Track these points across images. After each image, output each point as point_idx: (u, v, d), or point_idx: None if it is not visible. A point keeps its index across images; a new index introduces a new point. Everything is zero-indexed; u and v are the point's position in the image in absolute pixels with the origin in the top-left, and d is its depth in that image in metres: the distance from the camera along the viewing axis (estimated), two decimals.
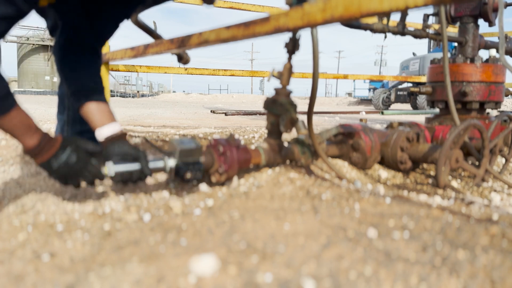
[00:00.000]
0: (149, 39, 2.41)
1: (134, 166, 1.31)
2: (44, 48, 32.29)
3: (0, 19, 1.01)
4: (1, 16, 1.01)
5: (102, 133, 1.39)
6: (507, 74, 2.55)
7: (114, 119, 1.44)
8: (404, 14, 2.27)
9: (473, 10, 2.54)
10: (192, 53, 2.61)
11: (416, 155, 2.10)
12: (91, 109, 1.42)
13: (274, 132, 1.68)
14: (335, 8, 1.10)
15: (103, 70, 3.04)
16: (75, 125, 1.71)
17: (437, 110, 2.71)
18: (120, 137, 1.40)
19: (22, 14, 1.08)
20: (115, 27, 1.60)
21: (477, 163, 2.04)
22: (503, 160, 2.50)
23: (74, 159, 1.20)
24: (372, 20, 2.18)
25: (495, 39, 4.60)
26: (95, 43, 1.55)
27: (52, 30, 1.70)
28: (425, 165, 2.37)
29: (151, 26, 2.43)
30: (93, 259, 0.92)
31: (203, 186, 1.51)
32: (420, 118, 6.33)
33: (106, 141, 1.38)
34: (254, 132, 4.52)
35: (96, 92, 1.46)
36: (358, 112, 8.46)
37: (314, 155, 1.86)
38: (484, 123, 2.38)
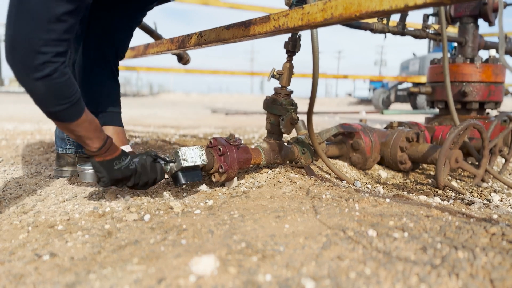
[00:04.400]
0: (149, 39, 2.41)
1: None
2: None
3: (65, 13, 1.00)
4: (66, 11, 1.00)
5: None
6: (507, 74, 2.55)
7: (127, 143, 1.51)
8: (404, 14, 2.27)
9: (473, 10, 2.54)
10: (192, 53, 2.61)
11: (416, 155, 2.10)
12: (111, 134, 1.49)
13: (274, 132, 1.68)
14: (335, 8, 1.10)
15: None
16: None
17: (437, 110, 2.71)
18: None
19: (84, 5, 1.07)
20: (130, 36, 1.63)
21: (476, 163, 2.04)
22: (503, 160, 2.51)
23: (133, 165, 1.28)
24: (372, 20, 2.18)
25: (495, 39, 4.60)
26: (116, 61, 1.60)
27: None
28: (425, 165, 2.37)
29: (151, 26, 2.43)
30: (93, 259, 0.92)
31: (203, 186, 1.52)
32: (420, 118, 6.33)
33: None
34: (254, 132, 4.52)
35: (116, 116, 1.53)
36: (358, 112, 8.46)
37: (314, 155, 1.86)
38: (483, 123, 2.38)
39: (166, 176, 1.40)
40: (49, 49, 1.00)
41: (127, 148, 1.47)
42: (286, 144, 1.80)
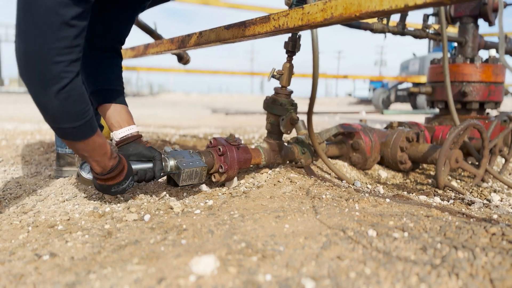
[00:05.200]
0: (149, 39, 2.41)
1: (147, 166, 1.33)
2: None
3: (75, 18, 0.96)
4: (75, 15, 0.96)
5: (118, 135, 1.38)
6: (507, 74, 2.55)
7: (132, 122, 1.42)
8: (404, 14, 2.28)
9: (473, 10, 2.54)
10: (192, 53, 2.61)
11: (416, 155, 2.10)
12: (110, 111, 1.40)
13: (274, 132, 1.68)
14: (335, 8, 1.10)
15: None
16: None
17: (437, 110, 2.71)
18: (135, 139, 1.39)
19: (90, 6, 1.02)
20: (130, 22, 1.57)
21: (476, 163, 2.04)
22: (503, 160, 2.51)
23: (137, 179, 1.31)
24: (372, 20, 2.18)
25: (495, 39, 4.60)
26: (114, 43, 1.51)
27: None
28: (425, 165, 2.37)
29: (151, 26, 2.43)
30: (93, 259, 0.92)
31: (203, 186, 1.52)
32: (420, 118, 6.33)
33: (120, 141, 1.38)
34: (254, 132, 4.52)
35: (116, 93, 1.44)
36: (358, 112, 8.46)
37: (314, 155, 1.86)
38: (483, 123, 2.38)
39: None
40: (63, 58, 0.97)
41: (131, 128, 1.40)
42: (286, 144, 1.80)
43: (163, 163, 1.34)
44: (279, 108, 1.64)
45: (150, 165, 1.33)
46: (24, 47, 0.95)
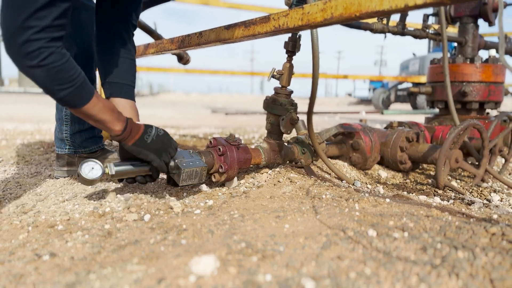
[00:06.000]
0: (149, 39, 2.41)
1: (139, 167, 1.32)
2: None
3: None
4: None
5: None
6: (507, 74, 2.55)
7: (136, 118, 1.45)
8: (404, 14, 2.28)
9: (473, 10, 2.54)
10: (192, 53, 2.61)
11: (416, 155, 2.10)
12: (117, 105, 1.42)
13: (274, 132, 1.68)
14: (335, 8, 1.10)
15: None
16: (73, 124, 1.71)
17: (437, 110, 2.71)
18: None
19: None
20: (140, 5, 1.57)
21: (476, 163, 2.04)
22: (503, 160, 2.51)
23: (161, 131, 1.33)
24: (372, 20, 2.18)
25: (495, 39, 4.60)
26: (129, 30, 1.53)
27: None
28: (425, 165, 2.37)
29: (151, 26, 2.43)
30: (93, 259, 0.92)
31: (203, 186, 1.52)
32: (420, 118, 6.33)
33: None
34: (254, 132, 4.52)
35: (124, 88, 1.47)
36: (358, 112, 8.47)
37: (314, 155, 1.86)
38: (483, 123, 2.38)
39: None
40: (42, 35, 1.02)
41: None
42: (286, 144, 1.80)
43: None
44: (279, 108, 1.64)
45: (146, 167, 1.32)
46: (5, 25, 1.02)
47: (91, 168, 1.22)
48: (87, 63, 1.67)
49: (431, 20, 2.74)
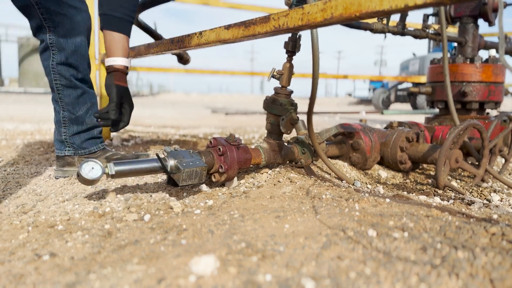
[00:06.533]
0: (149, 39, 2.41)
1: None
2: None
3: None
4: None
5: (107, 61, 1.57)
6: (507, 74, 2.55)
7: (120, 53, 1.56)
8: (404, 14, 2.28)
9: (473, 10, 2.54)
10: (192, 53, 2.61)
11: (416, 155, 2.10)
12: (110, 38, 1.55)
13: (274, 132, 1.68)
14: (335, 8, 1.10)
15: (102, 71, 3.04)
16: (72, 126, 1.71)
17: (437, 110, 2.71)
18: (113, 70, 1.56)
19: None
20: None
21: (476, 163, 2.04)
22: (503, 160, 2.51)
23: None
24: (372, 20, 2.18)
25: (495, 39, 4.60)
26: None
27: (36, 30, 1.63)
28: (425, 165, 2.37)
29: (151, 26, 2.43)
30: (93, 259, 0.92)
31: (203, 186, 1.52)
32: (420, 118, 6.33)
33: (107, 68, 1.58)
34: (254, 132, 4.52)
35: (115, 21, 1.54)
36: (358, 112, 8.47)
37: (314, 155, 1.86)
38: (483, 123, 2.38)
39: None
40: None
41: (120, 60, 1.56)
42: (286, 144, 1.80)
43: (163, 163, 1.34)
44: (279, 108, 1.64)
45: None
46: None
47: (91, 168, 1.22)
48: (79, 64, 1.68)
49: (431, 20, 2.75)
